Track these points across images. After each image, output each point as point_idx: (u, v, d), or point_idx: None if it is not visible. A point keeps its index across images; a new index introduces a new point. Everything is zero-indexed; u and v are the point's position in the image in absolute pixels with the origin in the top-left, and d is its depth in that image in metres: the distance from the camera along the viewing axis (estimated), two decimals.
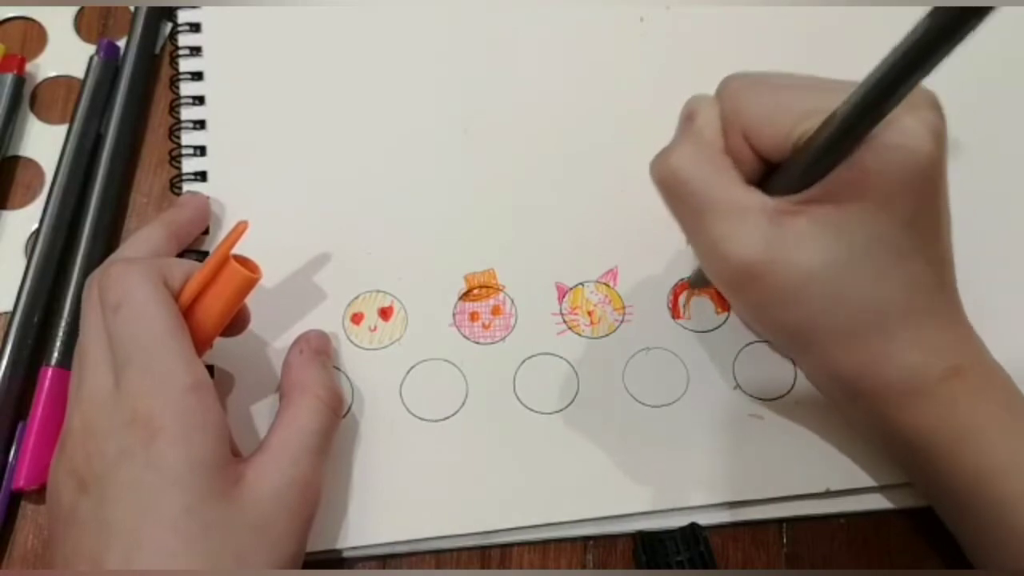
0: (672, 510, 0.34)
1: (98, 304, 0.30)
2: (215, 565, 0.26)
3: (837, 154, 0.27)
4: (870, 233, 0.27)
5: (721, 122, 0.29)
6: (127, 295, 0.29)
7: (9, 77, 0.39)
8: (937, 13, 0.20)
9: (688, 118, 0.30)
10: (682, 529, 0.33)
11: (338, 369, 0.35)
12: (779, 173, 0.29)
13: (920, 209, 0.28)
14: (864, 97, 0.24)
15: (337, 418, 0.32)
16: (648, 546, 0.33)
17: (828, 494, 0.34)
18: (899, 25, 0.40)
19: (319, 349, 0.34)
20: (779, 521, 0.34)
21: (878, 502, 0.34)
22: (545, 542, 0.34)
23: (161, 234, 0.34)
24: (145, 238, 0.34)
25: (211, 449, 0.27)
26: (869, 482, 0.34)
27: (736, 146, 0.29)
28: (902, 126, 0.26)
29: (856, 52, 0.41)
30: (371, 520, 0.34)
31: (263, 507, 0.28)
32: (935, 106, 0.27)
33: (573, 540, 0.34)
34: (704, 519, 0.34)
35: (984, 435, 0.28)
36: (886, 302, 0.28)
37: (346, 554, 0.33)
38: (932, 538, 0.34)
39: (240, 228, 0.31)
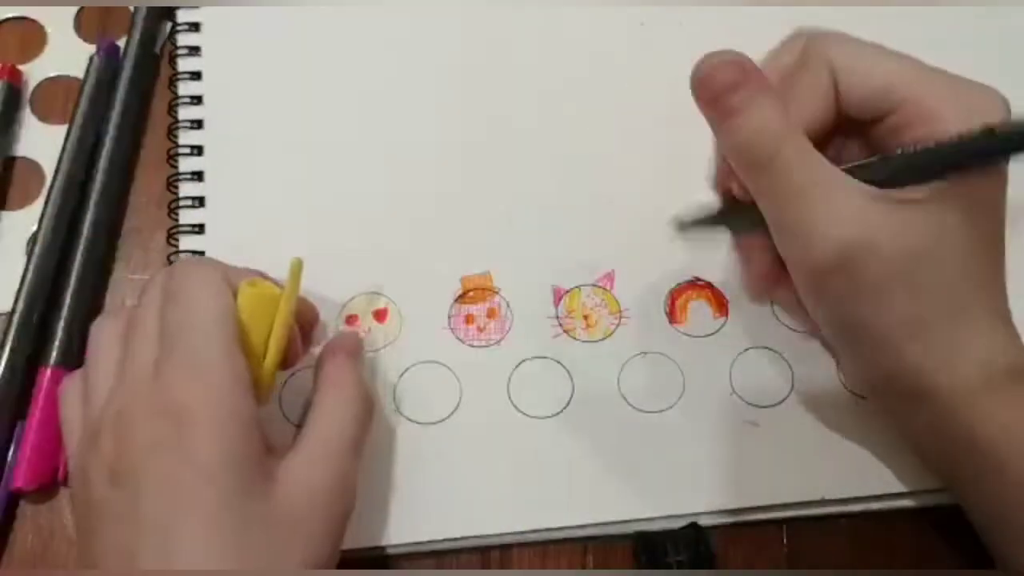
0: (668, 517, 0.34)
1: (159, 294, 0.29)
2: (251, 562, 0.26)
3: (964, 167, 0.27)
4: (980, 231, 0.28)
5: (786, 74, 0.30)
6: (187, 284, 0.29)
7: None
8: None
9: (757, 71, 0.28)
10: (682, 529, 0.33)
11: None
12: (879, 163, 0.29)
13: (998, 204, 0.29)
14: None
15: (371, 417, 0.32)
16: (648, 546, 0.33)
17: (824, 502, 0.34)
18: (898, 26, 0.40)
19: (352, 351, 0.33)
20: (780, 521, 0.34)
21: (878, 507, 0.34)
22: (545, 542, 0.34)
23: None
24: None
25: (247, 443, 0.27)
26: (865, 490, 0.34)
27: (806, 96, 0.29)
28: None
29: None
30: (365, 522, 0.33)
31: (299, 505, 0.28)
32: None
33: (573, 540, 0.34)
34: (704, 519, 0.34)
35: None
36: (972, 293, 0.28)
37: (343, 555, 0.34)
38: (934, 538, 0.34)
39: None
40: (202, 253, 0.37)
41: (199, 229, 0.38)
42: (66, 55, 0.41)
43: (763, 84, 0.28)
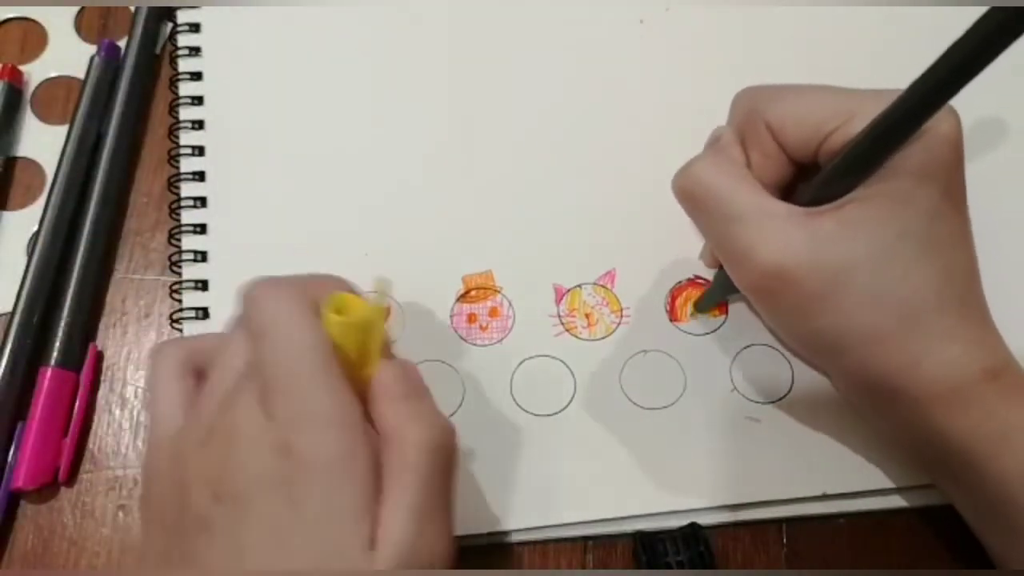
0: (670, 512, 0.34)
1: (241, 325, 0.27)
2: None
3: (875, 160, 0.28)
4: (896, 228, 0.28)
5: (740, 137, 0.30)
6: (273, 322, 0.26)
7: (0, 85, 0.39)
8: (995, 12, 0.21)
9: (712, 140, 0.31)
10: (682, 529, 0.33)
11: None
12: (805, 185, 0.30)
13: (942, 202, 0.28)
14: (911, 99, 0.25)
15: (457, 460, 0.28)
16: (648, 546, 0.33)
17: (825, 497, 0.34)
18: (900, 25, 0.41)
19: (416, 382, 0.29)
20: (779, 521, 0.34)
21: (878, 502, 0.34)
22: (545, 542, 0.34)
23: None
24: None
25: (356, 496, 0.25)
26: (866, 485, 0.34)
27: (758, 157, 0.30)
28: None
29: (855, 54, 0.41)
30: None
31: (402, 563, 0.25)
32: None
33: (573, 540, 0.34)
34: (704, 519, 0.34)
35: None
36: (918, 297, 0.28)
37: None
38: (932, 538, 0.34)
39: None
40: (204, 253, 0.37)
41: (201, 229, 0.38)
42: (67, 55, 0.41)
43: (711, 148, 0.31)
